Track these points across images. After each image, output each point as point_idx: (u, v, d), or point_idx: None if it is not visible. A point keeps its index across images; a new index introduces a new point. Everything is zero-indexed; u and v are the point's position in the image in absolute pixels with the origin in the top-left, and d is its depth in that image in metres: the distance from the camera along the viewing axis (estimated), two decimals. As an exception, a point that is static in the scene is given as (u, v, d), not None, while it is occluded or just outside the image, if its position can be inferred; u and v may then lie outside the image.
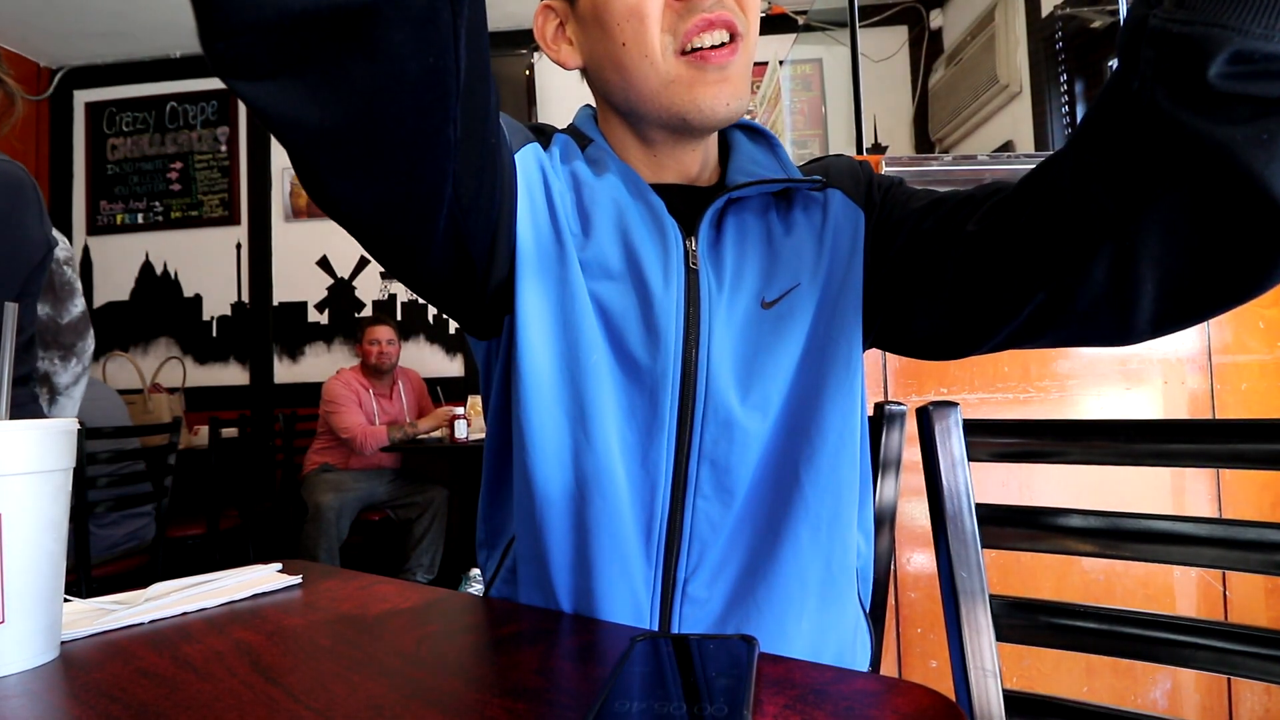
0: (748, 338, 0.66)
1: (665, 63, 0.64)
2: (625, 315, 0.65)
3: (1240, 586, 1.35)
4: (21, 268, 1.27)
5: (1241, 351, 1.37)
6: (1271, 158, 0.40)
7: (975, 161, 1.41)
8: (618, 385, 0.65)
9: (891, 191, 0.73)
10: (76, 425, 0.59)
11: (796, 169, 0.76)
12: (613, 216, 0.67)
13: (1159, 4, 0.42)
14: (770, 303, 0.66)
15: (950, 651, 0.73)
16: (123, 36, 4.35)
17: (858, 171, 0.75)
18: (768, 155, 0.75)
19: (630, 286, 0.65)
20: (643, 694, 0.40)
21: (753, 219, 0.70)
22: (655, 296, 0.64)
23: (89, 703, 0.45)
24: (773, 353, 0.66)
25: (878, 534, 0.83)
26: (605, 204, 0.68)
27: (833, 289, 0.67)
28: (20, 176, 1.27)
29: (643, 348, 0.64)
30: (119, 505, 2.23)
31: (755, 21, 0.66)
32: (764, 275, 0.68)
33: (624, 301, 0.65)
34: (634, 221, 0.67)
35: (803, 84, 3.90)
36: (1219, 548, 0.63)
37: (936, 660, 1.33)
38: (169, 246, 4.57)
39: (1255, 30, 0.38)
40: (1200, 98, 0.41)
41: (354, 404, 3.47)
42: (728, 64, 0.64)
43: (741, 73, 0.66)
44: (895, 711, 0.39)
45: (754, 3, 0.65)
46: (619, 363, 0.65)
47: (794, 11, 4.21)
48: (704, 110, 0.65)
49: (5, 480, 0.52)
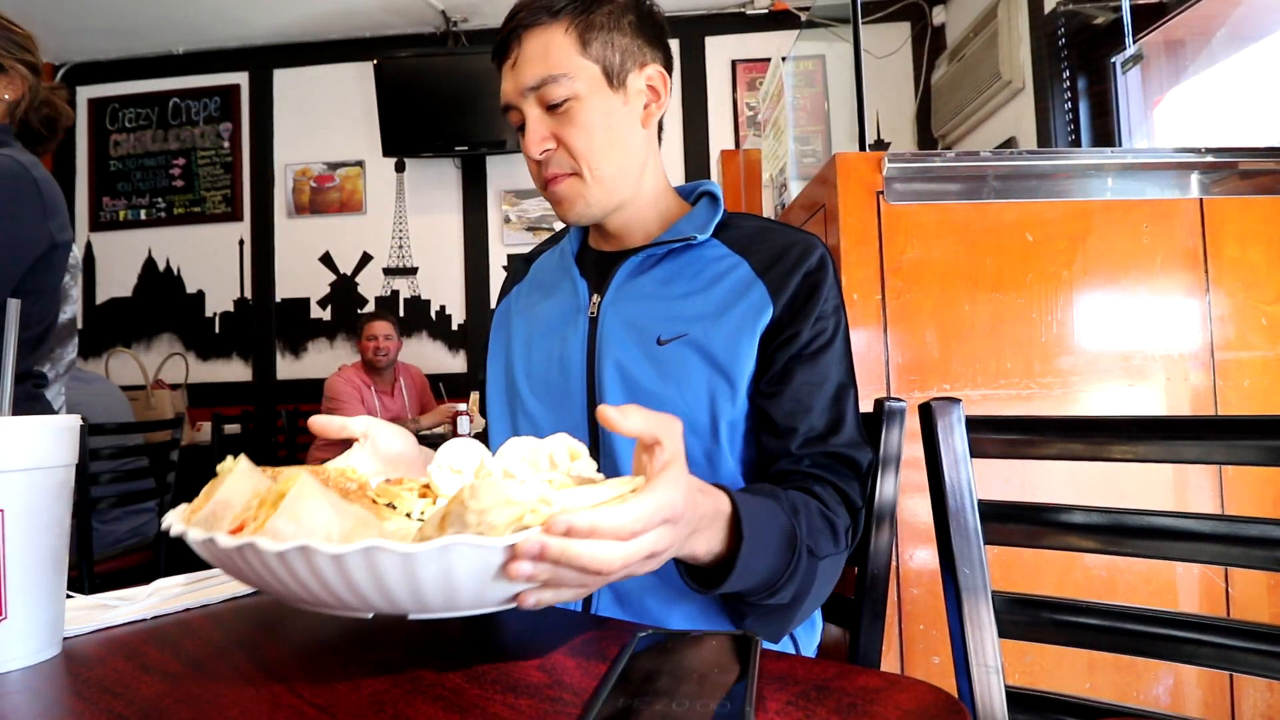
0: (644, 368, 0.81)
1: (541, 189, 0.88)
2: (549, 358, 0.88)
3: (1242, 583, 1.35)
4: (17, 262, 1.27)
5: (1244, 348, 1.37)
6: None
7: (978, 158, 1.40)
8: (547, 411, 0.87)
9: (813, 331, 0.81)
10: (79, 421, 0.59)
11: (715, 224, 0.89)
12: (550, 282, 0.96)
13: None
14: (664, 341, 0.82)
15: (953, 647, 0.73)
16: (126, 32, 4.34)
17: (796, 264, 0.83)
18: (704, 215, 0.89)
19: (553, 337, 0.89)
20: (644, 690, 0.40)
21: (658, 273, 0.87)
22: (566, 341, 0.87)
23: (91, 699, 0.45)
24: (664, 381, 0.80)
25: (878, 530, 0.83)
26: (549, 277, 0.97)
27: (718, 344, 0.80)
28: (16, 170, 1.26)
29: (559, 380, 0.86)
30: (122, 501, 2.24)
31: (588, 150, 0.83)
32: (660, 319, 0.83)
33: (546, 347, 0.89)
34: (561, 285, 0.93)
35: (805, 80, 3.88)
36: (1221, 544, 0.63)
37: (939, 656, 1.33)
38: (172, 243, 4.57)
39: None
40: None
41: (356, 400, 3.47)
42: (558, 190, 0.85)
43: (574, 193, 0.85)
44: (898, 707, 0.39)
45: (582, 139, 0.82)
46: (545, 396, 0.87)
47: (797, 8, 4.20)
48: (560, 219, 0.89)
49: (7, 476, 0.52)
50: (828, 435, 0.78)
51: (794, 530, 0.65)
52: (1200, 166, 1.42)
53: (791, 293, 0.81)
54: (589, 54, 0.82)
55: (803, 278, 0.81)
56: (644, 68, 0.86)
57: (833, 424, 0.79)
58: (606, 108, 0.83)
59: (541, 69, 0.80)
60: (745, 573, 0.59)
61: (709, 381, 0.79)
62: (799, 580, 0.66)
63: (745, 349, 0.79)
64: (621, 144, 0.85)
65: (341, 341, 4.47)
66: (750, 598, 0.66)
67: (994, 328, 1.36)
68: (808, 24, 3.60)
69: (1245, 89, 2.38)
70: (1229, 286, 1.37)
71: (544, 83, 0.80)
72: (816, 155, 3.21)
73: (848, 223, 1.36)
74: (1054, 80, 3.02)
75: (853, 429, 0.80)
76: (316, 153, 4.53)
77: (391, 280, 4.48)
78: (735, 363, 0.79)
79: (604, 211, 0.87)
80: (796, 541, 0.65)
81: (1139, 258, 1.38)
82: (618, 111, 0.84)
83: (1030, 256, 1.37)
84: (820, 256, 0.83)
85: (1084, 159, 1.43)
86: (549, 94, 0.81)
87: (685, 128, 4.35)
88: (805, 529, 0.67)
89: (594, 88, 0.82)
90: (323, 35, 4.47)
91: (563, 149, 0.83)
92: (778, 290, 0.81)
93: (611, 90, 0.83)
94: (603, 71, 0.83)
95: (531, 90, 0.81)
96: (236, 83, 4.58)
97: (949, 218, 1.38)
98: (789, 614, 0.69)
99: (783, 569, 0.64)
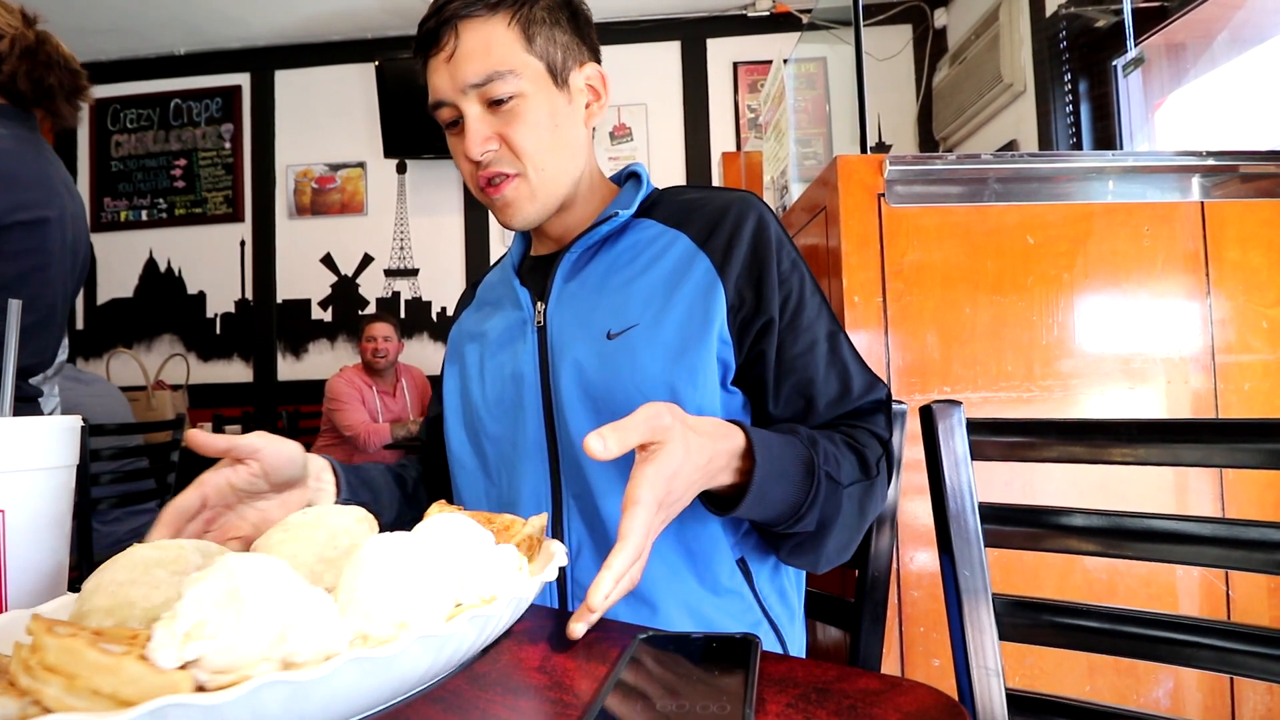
0: (598, 367, 0.78)
1: (477, 193, 0.85)
2: (502, 376, 0.86)
3: (1243, 586, 1.35)
4: (83, 266, 1.24)
5: (1245, 351, 1.37)
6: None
7: (979, 160, 1.40)
8: (505, 430, 0.85)
9: (781, 298, 0.79)
10: (80, 422, 0.59)
11: (640, 200, 0.87)
12: (494, 300, 0.95)
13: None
14: (614, 335, 0.79)
15: (953, 650, 0.72)
16: (128, 33, 4.35)
17: (736, 230, 0.81)
18: (629, 195, 0.88)
19: (504, 354, 0.87)
20: (644, 691, 0.40)
21: (596, 267, 0.85)
22: (517, 356, 0.85)
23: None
24: (619, 377, 0.77)
25: (879, 532, 0.83)
26: (493, 294, 0.96)
27: (671, 331, 0.77)
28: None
29: (513, 396, 0.84)
30: (122, 502, 2.24)
31: (534, 150, 0.80)
32: (607, 313, 0.80)
33: (497, 365, 0.87)
34: (505, 300, 0.92)
35: (807, 82, 3.88)
36: (1222, 547, 0.63)
37: (939, 659, 1.33)
38: (173, 243, 4.58)
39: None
40: None
41: (357, 401, 3.48)
42: (503, 194, 0.82)
43: (521, 195, 0.82)
44: (898, 710, 0.39)
45: (528, 138, 0.79)
46: (501, 416, 0.85)
47: (798, 10, 4.20)
48: (502, 224, 0.86)
49: (8, 477, 0.52)
50: (842, 396, 0.78)
51: (811, 458, 0.67)
52: (1201, 170, 1.42)
53: (742, 266, 0.79)
54: (534, 50, 0.79)
55: (749, 247, 0.79)
56: (583, 66, 0.84)
57: (842, 380, 0.79)
58: (552, 106, 0.81)
59: (485, 65, 0.77)
60: (762, 499, 0.63)
61: (667, 372, 0.76)
62: (820, 506, 0.68)
63: (701, 333, 0.76)
64: (566, 143, 0.83)
65: (342, 343, 4.47)
66: (776, 527, 0.69)
67: (995, 330, 1.36)
68: (809, 26, 3.60)
69: (1246, 92, 2.38)
70: (1230, 289, 1.37)
71: (489, 79, 0.77)
72: (818, 157, 3.21)
73: (849, 225, 1.36)
74: (1055, 83, 3.02)
75: (860, 374, 0.80)
76: (318, 154, 4.54)
77: (393, 282, 4.48)
78: (694, 350, 0.76)
79: (547, 213, 0.85)
80: (814, 468, 0.67)
81: (1140, 261, 1.38)
82: (562, 110, 0.82)
83: (1031, 259, 1.37)
84: (758, 214, 0.81)
85: (1085, 162, 1.44)
86: (493, 90, 0.77)
87: (686, 130, 4.36)
88: (823, 457, 0.69)
89: (539, 85, 0.80)
90: (324, 36, 4.48)
91: (505, 149, 0.80)
92: (725, 264, 0.78)
93: (556, 88, 0.81)
94: (547, 69, 0.80)
95: (474, 87, 0.77)
96: (238, 84, 4.58)
97: (950, 220, 1.38)
98: (819, 542, 0.71)
99: (803, 497, 0.66)
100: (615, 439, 0.51)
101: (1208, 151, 1.40)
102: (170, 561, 0.47)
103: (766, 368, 0.78)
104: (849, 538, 0.74)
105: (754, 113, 4.22)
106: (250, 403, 4.42)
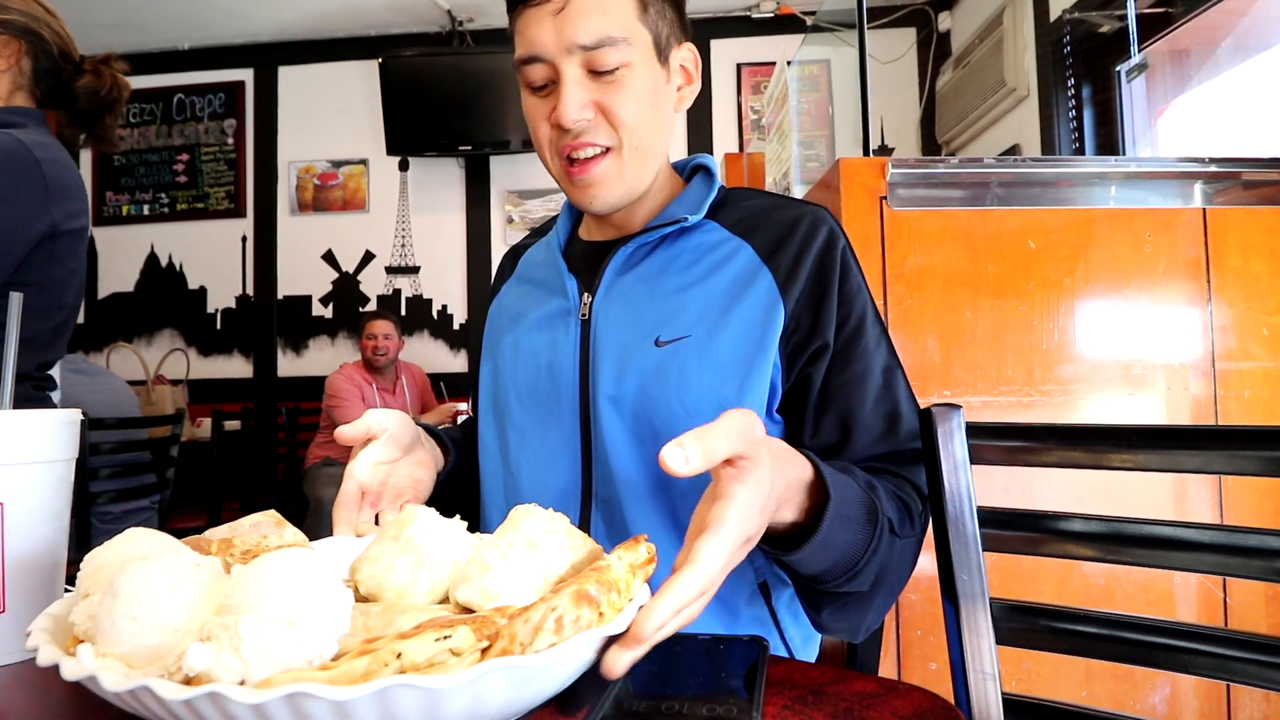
0: (642, 373, 0.74)
1: (554, 162, 0.77)
2: (538, 366, 0.81)
3: (1240, 593, 1.35)
4: (11, 249, 1.18)
5: (1245, 358, 1.37)
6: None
7: (981, 164, 1.40)
8: (535, 423, 0.80)
9: (838, 320, 0.74)
10: (80, 416, 0.59)
11: (710, 201, 0.81)
12: (538, 280, 0.88)
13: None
14: (664, 342, 0.74)
15: (950, 654, 0.72)
16: (132, 28, 4.35)
17: (804, 246, 0.75)
18: (698, 193, 0.82)
19: (542, 342, 0.81)
20: (651, 693, 0.40)
21: (651, 264, 0.79)
22: (556, 346, 0.79)
23: (88, 694, 0.45)
24: (664, 389, 0.72)
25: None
26: (536, 273, 0.89)
27: (724, 348, 0.73)
28: (13, 148, 1.18)
29: (548, 388, 0.79)
30: (122, 496, 2.24)
31: (635, 124, 0.74)
32: (658, 317, 0.75)
33: (534, 352, 0.82)
34: (551, 283, 0.85)
35: (810, 84, 3.89)
36: (1220, 554, 0.63)
37: (936, 663, 1.33)
38: (174, 238, 4.58)
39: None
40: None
41: (357, 398, 3.48)
42: (590, 174, 0.75)
43: (611, 174, 0.75)
44: (894, 713, 0.39)
45: (630, 110, 0.73)
46: (533, 406, 0.80)
47: (802, 12, 4.20)
48: (580, 205, 0.79)
49: (7, 470, 0.52)
50: (886, 435, 0.72)
51: (873, 503, 0.60)
52: (1204, 176, 1.42)
53: (805, 284, 0.73)
54: (646, 20, 0.73)
55: (815, 265, 0.74)
56: (681, 46, 0.79)
57: (889, 419, 0.73)
58: (654, 80, 0.75)
59: (601, 26, 0.70)
60: (827, 542, 0.55)
61: (715, 390, 0.71)
62: (880, 560, 0.61)
63: (756, 354, 0.72)
64: (662, 123, 0.77)
65: (343, 339, 4.47)
66: (829, 582, 0.60)
67: (995, 335, 1.36)
68: (813, 28, 3.61)
69: (1250, 99, 2.38)
70: (1231, 296, 1.37)
71: (601, 43, 0.70)
72: (820, 160, 3.21)
73: (850, 228, 1.36)
74: (1059, 88, 3.02)
75: (911, 416, 0.74)
76: (320, 150, 4.54)
77: (394, 279, 4.49)
78: (746, 370, 0.72)
79: (631, 196, 0.78)
80: (877, 514, 0.60)
81: (1141, 266, 1.38)
82: (662, 87, 0.76)
83: (1032, 264, 1.37)
84: (829, 231, 0.76)
85: (1088, 167, 1.44)
86: (602, 57, 0.70)
87: (689, 130, 4.36)
88: (884, 503, 0.62)
89: (646, 57, 0.74)
90: (328, 33, 4.48)
91: (601, 118, 0.73)
92: (788, 283, 0.73)
93: (659, 64, 0.76)
94: (654, 42, 0.74)
95: (582, 49, 0.70)
96: (241, 79, 4.58)
97: (952, 224, 1.38)
98: (867, 602, 0.64)
99: (865, 543, 0.59)
100: (699, 451, 0.41)
101: (1210, 158, 1.40)
102: (165, 541, 0.46)
103: (810, 394, 0.73)
104: (888, 599, 0.68)
105: (757, 114, 4.22)
106: (250, 398, 4.43)
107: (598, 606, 0.39)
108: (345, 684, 0.32)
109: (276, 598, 0.36)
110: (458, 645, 0.35)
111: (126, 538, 0.45)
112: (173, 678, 0.35)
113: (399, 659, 0.34)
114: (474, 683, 0.33)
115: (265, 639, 0.34)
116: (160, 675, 0.35)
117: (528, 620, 0.37)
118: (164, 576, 0.38)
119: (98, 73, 1.33)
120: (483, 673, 0.33)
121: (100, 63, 1.34)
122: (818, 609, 0.65)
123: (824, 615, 0.65)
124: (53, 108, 1.32)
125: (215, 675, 0.34)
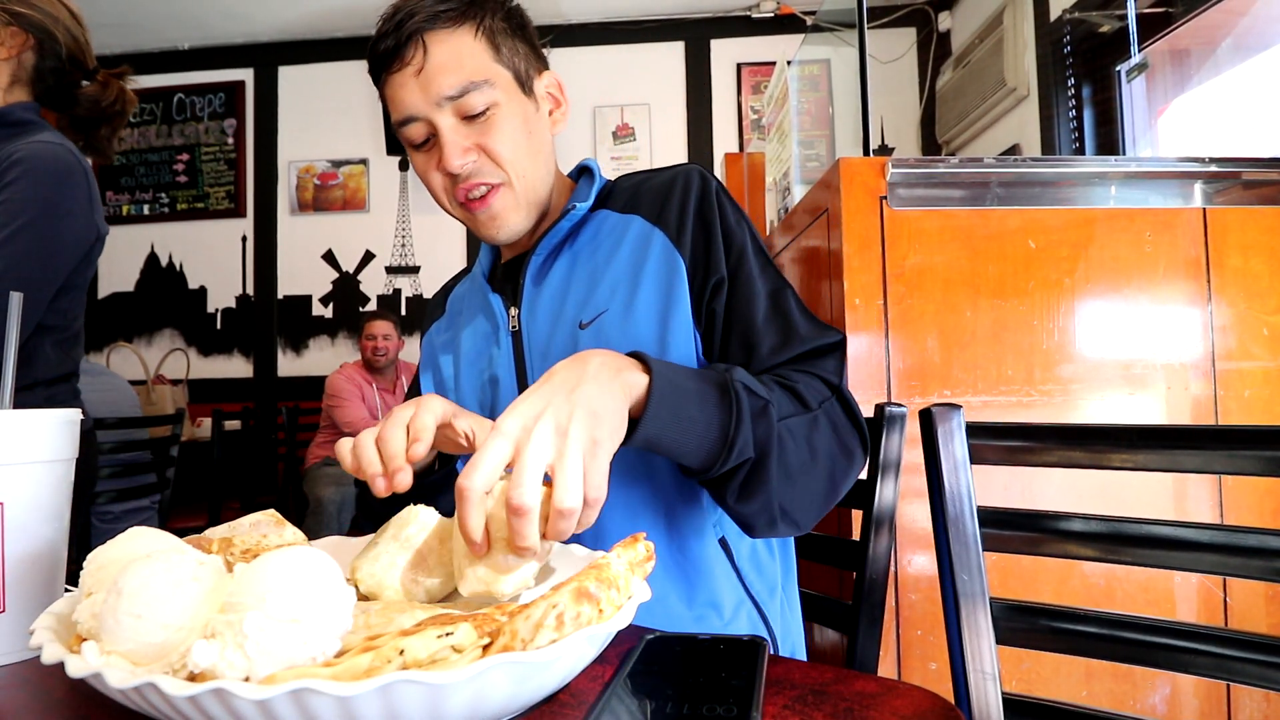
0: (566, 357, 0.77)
1: (454, 207, 0.84)
2: (479, 384, 0.87)
3: (1240, 592, 1.35)
4: (68, 258, 1.20)
5: (1245, 358, 1.37)
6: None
7: (982, 164, 1.40)
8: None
9: (723, 251, 0.79)
10: (79, 415, 0.59)
11: (596, 192, 0.87)
12: (468, 312, 0.94)
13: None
14: (586, 324, 0.79)
15: (950, 654, 0.72)
16: (132, 27, 4.35)
17: (683, 199, 0.81)
18: (584, 189, 0.88)
19: (480, 362, 0.88)
20: (650, 693, 0.40)
21: (562, 264, 0.86)
22: (493, 362, 0.86)
23: (88, 692, 0.45)
24: None
25: (877, 535, 0.83)
26: (466, 307, 0.96)
27: (641, 313, 0.78)
28: (71, 162, 1.19)
29: (489, 401, 0.85)
30: (122, 496, 2.24)
31: (515, 156, 0.80)
32: (576, 304, 0.81)
33: (474, 374, 0.88)
34: (478, 310, 0.92)
35: (810, 84, 3.88)
36: (1220, 553, 0.63)
37: (936, 662, 1.33)
38: (174, 238, 4.58)
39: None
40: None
41: (357, 398, 3.48)
42: (490, 206, 0.81)
43: (509, 205, 0.82)
44: (894, 713, 0.39)
45: (508, 146, 0.79)
46: (480, 414, 0.81)
47: (803, 12, 4.20)
48: (490, 240, 0.85)
49: (7, 469, 0.52)
50: (785, 343, 0.75)
51: (725, 380, 0.63)
52: (1204, 176, 1.42)
53: (692, 231, 0.79)
54: (501, 59, 0.80)
55: (696, 209, 0.80)
56: (542, 74, 0.86)
57: (784, 331, 0.76)
58: (524, 113, 0.82)
59: (459, 76, 0.76)
60: (675, 411, 0.59)
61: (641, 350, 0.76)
62: (751, 428, 0.62)
63: (672, 308, 0.77)
64: (540, 149, 0.84)
65: (343, 339, 4.47)
66: (714, 463, 0.62)
67: (995, 334, 1.36)
68: (813, 28, 3.60)
69: (1250, 99, 2.38)
70: (1231, 296, 1.37)
71: (465, 90, 0.77)
72: (820, 160, 3.20)
73: (851, 228, 1.36)
74: (1059, 88, 3.02)
75: (805, 323, 0.77)
76: (320, 150, 4.54)
77: (394, 279, 4.49)
78: (664, 326, 0.77)
79: (530, 221, 0.85)
80: (728, 386, 0.63)
81: (1141, 266, 1.38)
82: (533, 117, 0.83)
83: (1033, 264, 1.37)
84: (701, 179, 0.82)
85: (1088, 167, 1.44)
86: (469, 102, 0.77)
87: (689, 130, 4.36)
88: (741, 378, 0.64)
89: (511, 94, 0.80)
90: (328, 33, 4.48)
91: (485, 159, 0.80)
92: (679, 234, 0.79)
93: (525, 96, 0.82)
94: (514, 77, 0.81)
95: (449, 100, 0.77)
96: (241, 79, 4.58)
97: (952, 224, 1.38)
98: (764, 478, 0.64)
99: (726, 416, 0.61)
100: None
101: (1210, 158, 1.40)
102: (168, 540, 0.47)
103: (716, 325, 0.78)
104: (805, 484, 0.68)
105: (757, 114, 4.22)
106: (250, 398, 4.43)
107: (598, 603, 0.40)
108: (349, 680, 0.33)
109: (280, 595, 0.36)
110: (460, 642, 0.36)
111: (129, 537, 0.45)
112: (177, 675, 0.35)
113: (402, 655, 0.35)
114: (476, 679, 0.33)
115: (269, 636, 0.35)
116: (165, 672, 0.36)
117: (529, 617, 0.38)
118: (168, 574, 0.38)
119: (106, 83, 1.35)
120: (485, 669, 0.34)
121: (114, 75, 1.36)
122: (724, 497, 0.67)
123: (730, 501, 0.66)
124: (51, 108, 1.32)
125: (220, 672, 0.34)
